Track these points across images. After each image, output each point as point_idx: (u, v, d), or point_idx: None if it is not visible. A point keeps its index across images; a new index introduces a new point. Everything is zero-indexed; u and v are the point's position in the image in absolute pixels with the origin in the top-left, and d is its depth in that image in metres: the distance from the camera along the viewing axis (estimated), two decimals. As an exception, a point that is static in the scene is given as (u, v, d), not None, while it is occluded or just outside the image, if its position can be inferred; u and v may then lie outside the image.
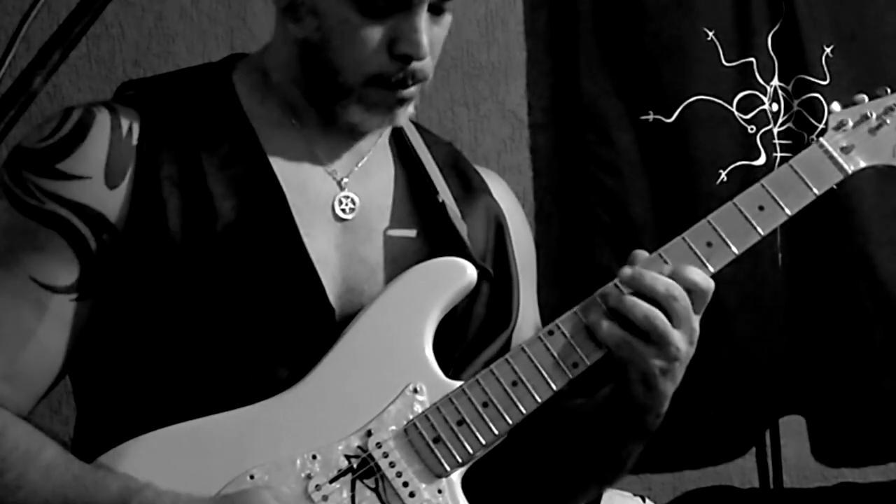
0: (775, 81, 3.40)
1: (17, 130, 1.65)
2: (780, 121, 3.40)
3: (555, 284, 3.43)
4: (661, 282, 1.90)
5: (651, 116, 3.37)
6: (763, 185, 2.00)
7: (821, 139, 2.04)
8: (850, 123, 2.05)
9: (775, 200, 1.99)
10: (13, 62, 1.56)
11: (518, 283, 2.08)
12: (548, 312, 3.36)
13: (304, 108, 1.98)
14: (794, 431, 3.52)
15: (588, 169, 3.40)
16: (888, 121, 2.05)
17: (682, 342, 1.91)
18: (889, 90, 2.09)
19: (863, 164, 2.04)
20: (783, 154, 3.39)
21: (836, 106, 2.08)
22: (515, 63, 3.46)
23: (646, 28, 3.36)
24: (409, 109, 1.97)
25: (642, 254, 1.96)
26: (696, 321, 1.93)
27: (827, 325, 3.42)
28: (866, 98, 2.08)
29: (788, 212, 1.99)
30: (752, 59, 3.39)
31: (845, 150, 2.03)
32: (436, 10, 1.91)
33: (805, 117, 3.38)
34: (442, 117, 3.37)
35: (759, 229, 1.98)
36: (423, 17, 1.88)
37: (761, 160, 3.38)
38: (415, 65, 1.90)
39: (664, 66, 3.36)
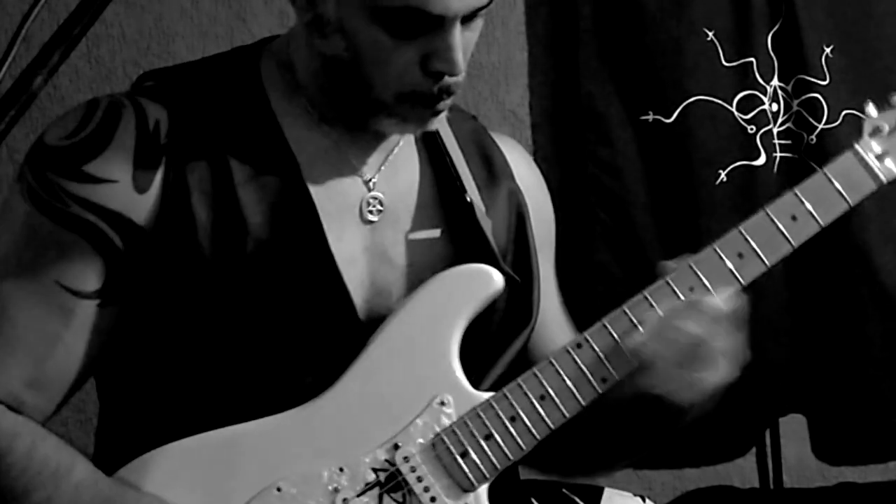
0: (775, 81, 3.40)
1: (18, 130, 1.65)
2: (780, 121, 3.40)
3: (555, 284, 3.43)
4: (684, 334, 1.88)
5: (651, 116, 3.37)
6: (796, 194, 1.93)
7: (855, 146, 1.95)
8: (887, 129, 1.96)
9: (809, 211, 1.92)
10: (13, 62, 1.56)
11: (539, 279, 2.05)
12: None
13: (332, 111, 1.95)
14: (794, 431, 3.51)
15: (588, 169, 3.40)
16: None
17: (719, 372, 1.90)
18: None
19: None
20: (783, 154, 3.39)
21: (872, 111, 1.99)
22: (515, 63, 3.45)
23: (646, 28, 3.36)
24: (444, 115, 1.93)
25: (669, 265, 1.93)
26: (732, 342, 1.92)
27: (827, 324, 3.42)
28: None
29: (822, 222, 1.92)
30: (752, 59, 3.39)
31: (880, 158, 1.94)
32: (467, 19, 1.86)
33: (805, 117, 3.37)
34: (442, 117, 3.36)
35: (791, 241, 1.92)
36: (457, 33, 1.84)
37: (761, 160, 3.38)
38: (448, 79, 1.86)
39: (664, 66, 3.36)
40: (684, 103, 3.35)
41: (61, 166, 1.86)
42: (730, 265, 1.91)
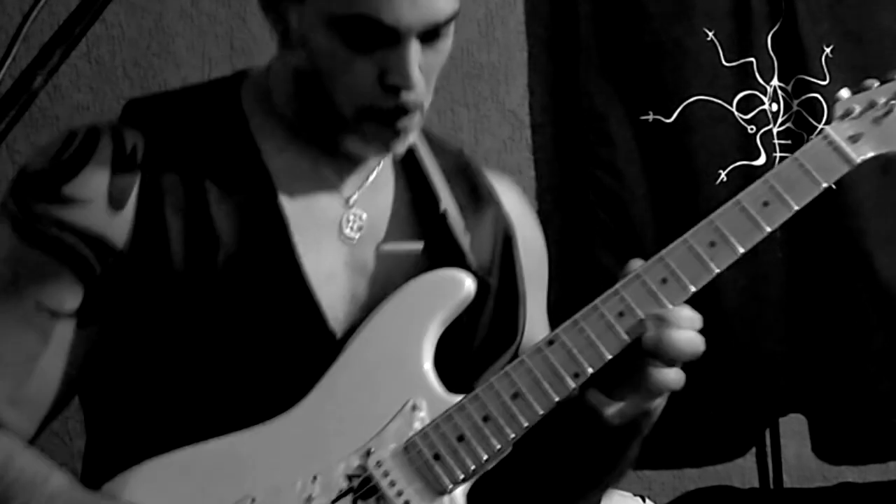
0: (775, 81, 3.40)
1: (18, 130, 1.65)
2: (780, 121, 3.40)
3: (555, 284, 3.42)
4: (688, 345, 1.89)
5: (651, 116, 3.37)
6: (767, 181, 1.91)
7: (826, 129, 1.93)
8: (857, 111, 1.94)
9: (780, 196, 1.90)
10: (13, 62, 1.56)
11: (525, 297, 2.06)
12: (548, 313, 3.36)
13: (307, 131, 1.97)
14: (794, 431, 3.52)
15: (588, 169, 3.40)
16: None
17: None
18: None
19: (871, 153, 1.93)
20: (783, 154, 3.39)
21: (844, 92, 1.97)
22: (515, 63, 3.46)
23: (646, 28, 3.36)
24: (409, 139, 1.94)
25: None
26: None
27: (827, 324, 3.42)
28: (876, 83, 1.97)
29: (795, 206, 1.90)
30: (752, 59, 3.39)
31: (853, 139, 1.92)
32: (430, 38, 1.87)
33: (805, 117, 3.38)
34: (442, 117, 3.36)
35: (764, 226, 1.89)
36: (413, 48, 1.85)
37: (761, 160, 3.38)
38: (406, 95, 1.87)
39: (664, 66, 3.36)
40: (684, 103, 3.36)
41: (40, 190, 1.90)
42: (702, 254, 1.89)
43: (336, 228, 1.97)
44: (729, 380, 3.35)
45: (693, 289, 1.89)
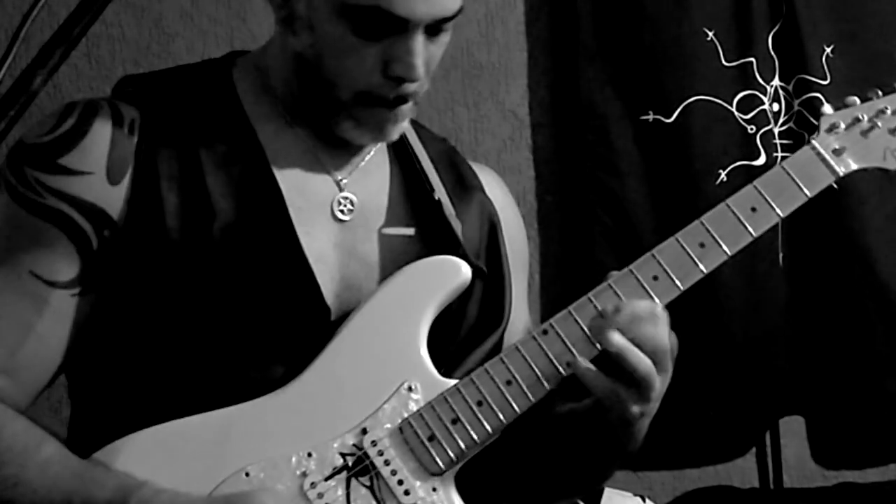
0: (775, 81, 3.40)
1: (18, 131, 1.65)
2: (781, 121, 3.40)
3: (555, 284, 3.43)
4: (648, 339, 1.89)
5: (651, 116, 3.37)
6: (755, 187, 2.00)
7: (812, 141, 2.04)
8: (843, 126, 2.05)
9: (767, 202, 1.98)
10: (13, 62, 1.56)
11: (511, 282, 2.08)
12: (548, 313, 3.36)
13: (302, 113, 1.99)
14: (794, 432, 3.52)
15: (588, 169, 3.40)
16: (879, 123, 2.05)
17: (662, 385, 1.91)
18: (880, 93, 2.08)
19: (854, 167, 2.04)
20: (783, 154, 3.39)
21: (827, 108, 2.07)
22: (515, 63, 3.46)
23: (646, 28, 3.36)
24: (403, 125, 1.97)
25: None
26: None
27: (827, 325, 3.42)
28: (858, 101, 2.07)
29: (781, 213, 1.99)
30: (752, 59, 3.39)
31: (837, 153, 2.03)
32: (433, 31, 1.90)
33: (805, 117, 3.38)
34: (442, 117, 3.37)
35: (751, 231, 1.97)
36: (419, 40, 1.88)
37: (761, 160, 3.38)
38: (408, 86, 1.91)
39: (664, 66, 3.36)
40: (684, 103, 3.36)
41: (37, 160, 1.91)
42: (692, 254, 1.96)
43: (328, 209, 1.99)
44: (729, 380, 3.35)
45: (682, 287, 1.96)
